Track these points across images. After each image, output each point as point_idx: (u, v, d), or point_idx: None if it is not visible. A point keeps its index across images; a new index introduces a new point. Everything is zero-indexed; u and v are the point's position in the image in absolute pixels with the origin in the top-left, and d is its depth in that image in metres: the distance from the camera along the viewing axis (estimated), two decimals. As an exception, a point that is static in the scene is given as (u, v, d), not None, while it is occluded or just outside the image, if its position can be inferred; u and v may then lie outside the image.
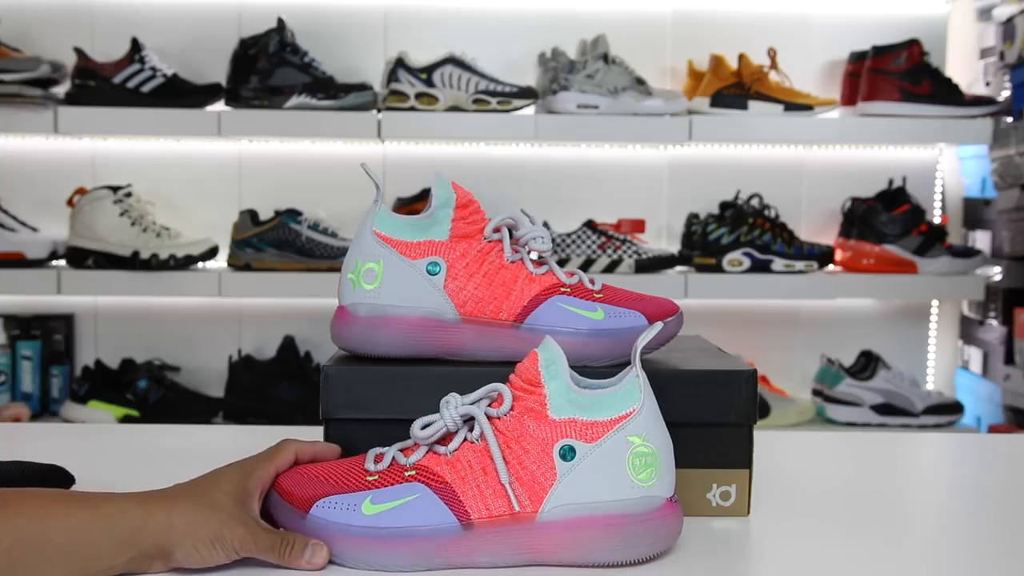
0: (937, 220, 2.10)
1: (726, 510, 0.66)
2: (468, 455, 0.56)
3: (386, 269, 0.65)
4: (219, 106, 1.88)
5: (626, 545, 0.56)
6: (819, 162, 2.08)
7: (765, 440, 0.78)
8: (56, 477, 0.67)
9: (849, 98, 1.99)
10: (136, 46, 1.86)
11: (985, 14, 2.07)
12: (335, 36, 2.01)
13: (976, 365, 2.06)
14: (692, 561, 0.58)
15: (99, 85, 1.84)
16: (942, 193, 2.12)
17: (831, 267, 1.99)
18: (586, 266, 1.87)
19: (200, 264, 1.89)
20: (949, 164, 2.13)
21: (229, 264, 1.90)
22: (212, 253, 1.90)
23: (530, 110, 1.90)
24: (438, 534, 0.55)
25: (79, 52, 1.86)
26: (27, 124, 1.83)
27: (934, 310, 2.14)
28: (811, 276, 1.92)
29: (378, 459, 0.58)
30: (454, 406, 0.57)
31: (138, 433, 0.95)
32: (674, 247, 2.02)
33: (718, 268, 1.90)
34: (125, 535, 0.52)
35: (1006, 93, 1.98)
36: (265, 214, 1.92)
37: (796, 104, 1.91)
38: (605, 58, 1.88)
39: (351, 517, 0.55)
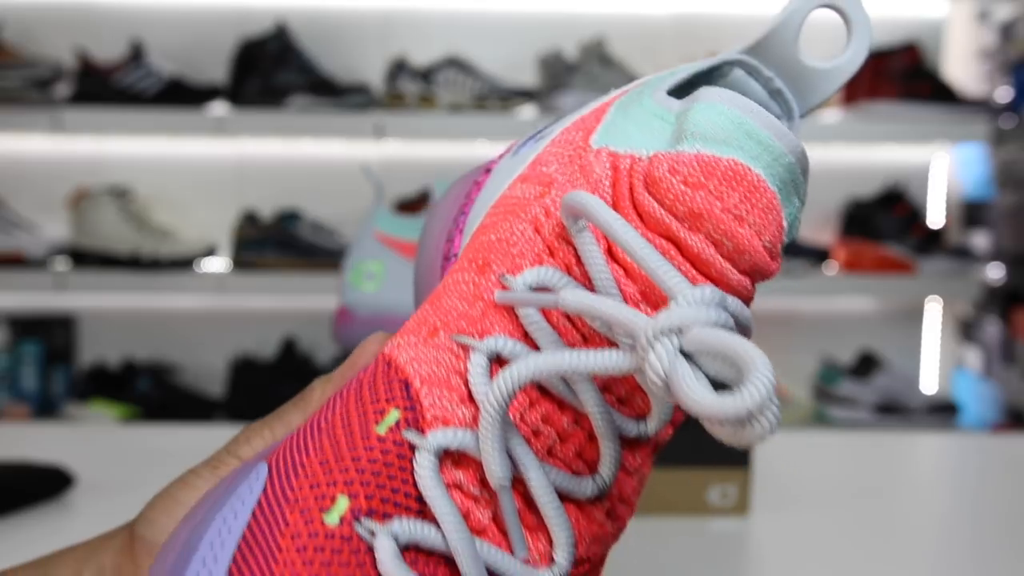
0: (936, 220, 2.10)
1: (726, 510, 0.66)
2: None
3: (386, 269, 0.65)
4: (219, 106, 1.88)
5: None
6: (818, 162, 2.08)
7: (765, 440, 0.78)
8: (56, 477, 0.67)
9: (849, 98, 1.99)
10: (136, 47, 1.87)
11: (985, 15, 2.07)
12: (335, 37, 2.01)
13: (975, 365, 2.06)
14: (691, 561, 0.58)
15: (99, 85, 1.85)
16: (942, 193, 2.12)
17: (830, 267, 1.99)
18: (586, 266, 1.87)
19: (200, 264, 1.89)
20: (949, 164, 2.13)
21: (230, 264, 1.90)
22: (212, 253, 1.90)
23: (530, 110, 1.90)
24: None
25: (79, 53, 1.86)
26: (27, 124, 1.84)
27: (933, 310, 2.14)
28: (810, 276, 1.92)
29: None
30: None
31: (138, 433, 0.95)
32: (674, 247, 2.02)
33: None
34: None
35: (1006, 94, 1.98)
36: (265, 214, 1.92)
37: (796, 104, 1.91)
38: (605, 59, 1.88)
39: None
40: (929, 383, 2.13)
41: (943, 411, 1.96)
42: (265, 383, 1.90)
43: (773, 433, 0.21)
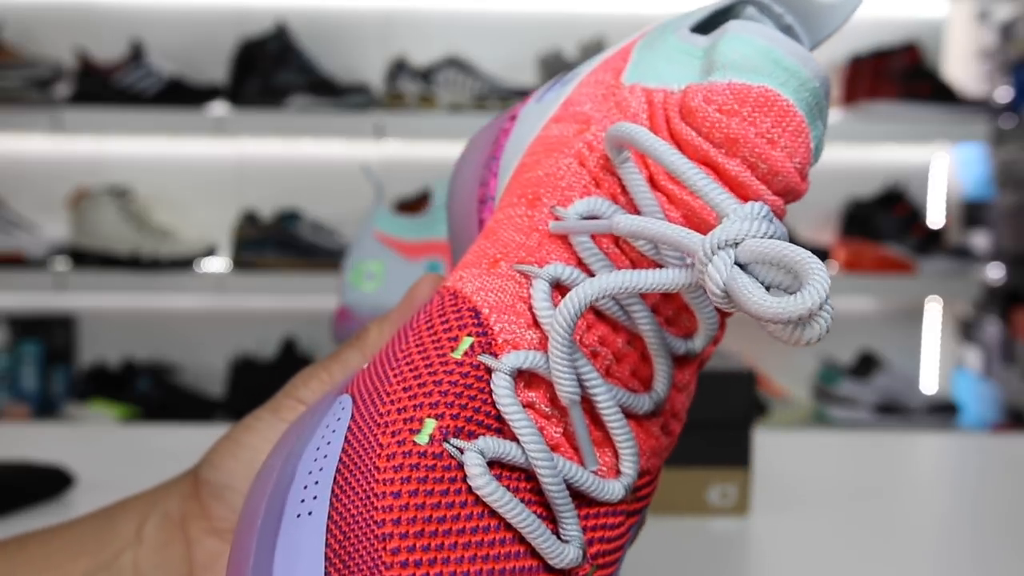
0: (936, 220, 2.10)
1: (726, 510, 0.66)
2: None
3: (386, 269, 0.65)
4: (219, 106, 1.88)
5: None
6: (819, 162, 2.08)
7: (765, 440, 0.78)
8: (56, 477, 0.67)
9: (849, 98, 1.99)
10: (136, 47, 1.87)
11: (985, 15, 2.08)
12: (335, 36, 2.01)
13: (975, 365, 2.06)
14: (691, 562, 0.58)
15: (99, 85, 1.85)
16: (942, 193, 2.12)
17: (830, 267, 1.99)
18: (586, 266, 1.87)
19: (200, 264, 1.89)
20: (949, 164, 2.13)
21: (230, 264, 1.90)
22: (212, 253, 1.90)
23: (530, 110, 1.90)
24: None
25: (80, 53, 1.86)
26: (27, 124, 1.83)
27: (933, 310, 2.14)
28: (811, 276, 1.92)
29: None
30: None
31: (138, 433, 0.95)
32: (674, 247, 2.02)
33: (718, 268, 1.90)
34: None
35: (1006, 94, 1.98)
36: (265, 214, 1.92)
37: (796, 104, 1.91)
38: (605, 58, 1.88)
39: None
40: (929, 383, 2.13)
41: (943, 411, 1.96)
42: (265, 383, 1.89)
43: (827, 332, 0.22)
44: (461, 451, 0.26)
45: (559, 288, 0.27)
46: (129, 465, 0.78)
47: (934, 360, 2.14)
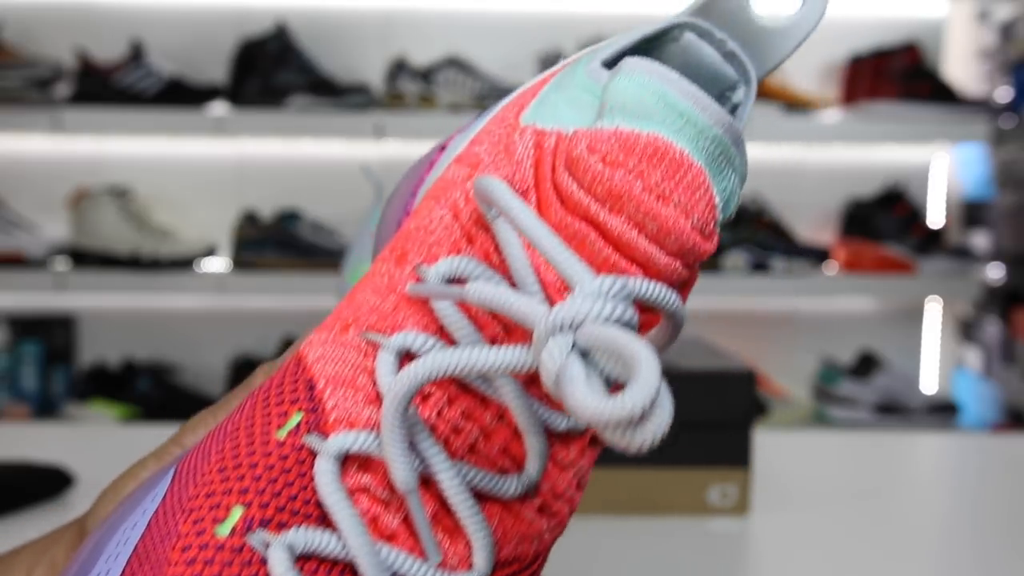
0: (936, 220, 2.10)
1: (726, 510, 0.66)
2: None
3: (386, 269, 0.65)
4: (219, 106, 1.88)
5: None
6: (818, 162, 2.09)
7: (765, 440, 0.78)
8: (56, 477, 0.67)
9: (849, 98, 1.99)
10: (136, 47, 1.87)
11: (985, 15, 2.08)
12: (336, 37, 2.01)
13: (975, 365, 2.06)
14: (691, 562, 0.58)
15: (99, 86, 1.85)
16: (942, 193, 2.12)
17: (830, 267, 1.99)
18: (586, 266, 1.86)
19: (200, 264, 1.89)
20: (949, 164, 2.13)
21: (230, 264, 1.90)
22: (212, 253, 1.90)
23: (530, 110, 1.90)
24: None
25: (80, 53, 1.86)
26: (27, 124, 1.83)
27: (933, 310, 2.14)
28: (810, 276, 1.92)
29: None
30: None
31: (138, 433, 0.95)
32: (674, 247, 2.01)
33: (717, 268, 1.90)
34: None
35: (1006, 94, 1.98)
36: (265, 214, 1.92)
37: (796, 104, 1.91)
38: (605, 58, 1.88)
39: None
40: (929, 383, 2.13)
41: (943, 411, 1.96)
42: (265, 383, 1.89)
43: (664, 434, 0.19)
44: (267, 544, 0.23)
45: (410, 358, 0.24)
46: (129, 465, 0.78)
47: (934, 360, 2.14)
